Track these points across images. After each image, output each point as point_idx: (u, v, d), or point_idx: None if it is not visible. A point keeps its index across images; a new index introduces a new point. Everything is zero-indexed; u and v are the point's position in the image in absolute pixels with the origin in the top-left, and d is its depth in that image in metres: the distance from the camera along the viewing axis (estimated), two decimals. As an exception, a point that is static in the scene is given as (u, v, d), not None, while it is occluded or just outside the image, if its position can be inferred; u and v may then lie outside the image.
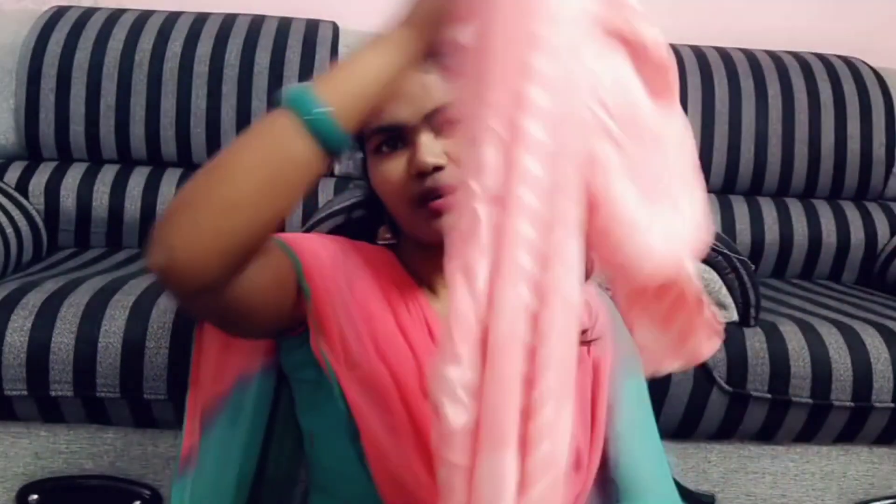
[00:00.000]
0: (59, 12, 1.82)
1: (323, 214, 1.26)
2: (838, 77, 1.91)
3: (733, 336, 1.31)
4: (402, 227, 0.86)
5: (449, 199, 0.75)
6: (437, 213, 0.78)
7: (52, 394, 1.23)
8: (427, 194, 0.78)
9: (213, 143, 1.78)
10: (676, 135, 0.71)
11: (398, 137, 0.79)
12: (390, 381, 0.77)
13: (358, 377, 0.78)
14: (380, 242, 0.89)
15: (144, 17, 1.82)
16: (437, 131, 0.78)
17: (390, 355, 0.79)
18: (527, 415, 0.56)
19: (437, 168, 0.77)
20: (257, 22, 1.84)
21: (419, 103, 0.77)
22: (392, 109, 0.77)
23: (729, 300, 1.30)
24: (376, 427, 0.76)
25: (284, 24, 1.84)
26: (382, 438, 0.76)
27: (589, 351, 0.88)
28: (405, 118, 0.78)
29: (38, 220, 1.71)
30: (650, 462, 0.88)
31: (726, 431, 1.36)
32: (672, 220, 0.67)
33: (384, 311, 0.82)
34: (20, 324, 1.23)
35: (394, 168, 0.80)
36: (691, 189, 0.71)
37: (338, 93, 0.66)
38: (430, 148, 0.78)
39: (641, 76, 0.69)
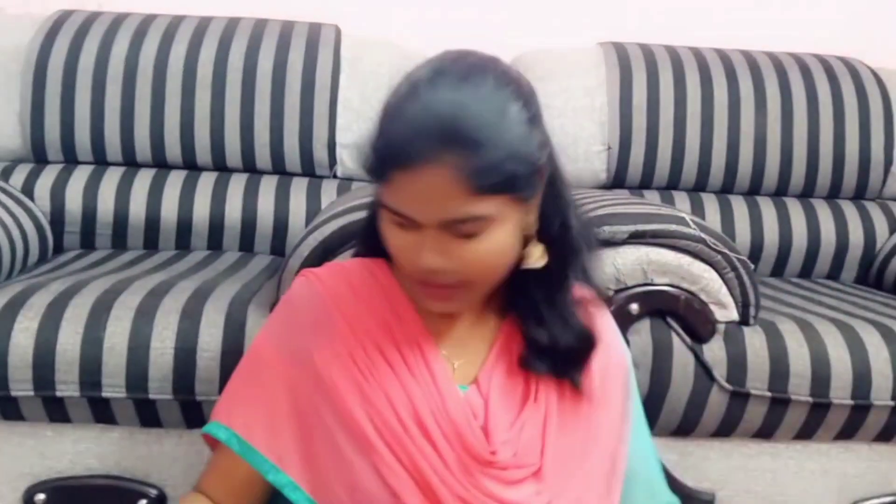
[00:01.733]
0: (64, 16, 1.83)
1: (326, 216, 1.27)
2: (837, 77, 1.91)
3: (733, 335, 1.32)
4: None
5: (441, 293, 0.79)
6: (429, 296, 0.81)
7: (58, 394, 1.25)
8: (425, 281, 0.79)
9: (217, 146, 1.79)
10: None
11: (411, 223, 0.76)
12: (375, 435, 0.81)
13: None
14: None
15: (148, 20, 1.83)
16: (456, 231, 0.75)
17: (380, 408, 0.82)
18: None
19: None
20: (260, 25, 1.85)
21: (436, 212, 0.74)
22: (407, 202, 0.74)
23: (728, 299, 1.30)
24: None
25: (287, 28, 1.85)
26: None
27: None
28: (419, 218, 0.75)
29: (44, 221, 1.72)
30: (645, 459, 0.94)
31: (726, 429, 1.36)
32: None
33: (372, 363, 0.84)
34: (26, 325, 1.24)
35: (402, 241, 0.78)
36: None
37: None
38: (432, 251, 0.76)
39: None
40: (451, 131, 0.71)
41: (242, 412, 0.86)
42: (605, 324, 0.93)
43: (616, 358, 0.93)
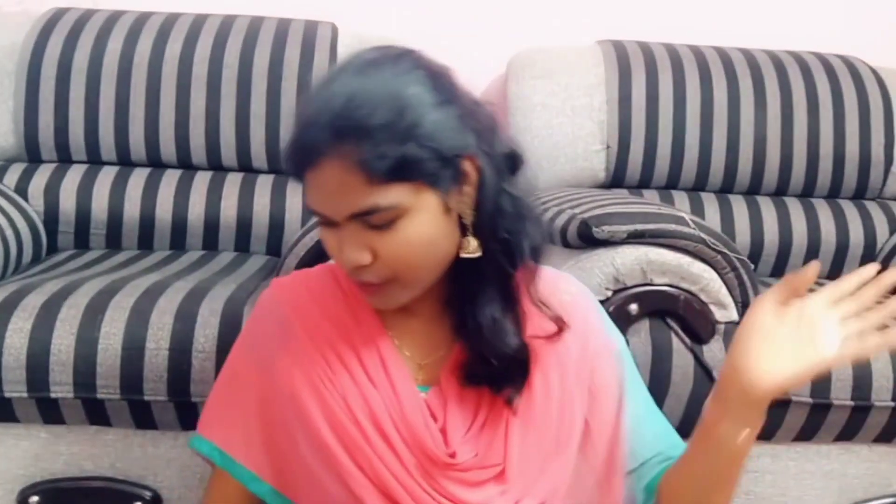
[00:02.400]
0: (59, 14, 1.82)
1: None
2: (837, 76, 1.91)
3: (733, 336, 1.31)
4: None
5: (372, 290, 0.78)
6: (366, 293, 0.80)
7: (53, 395, 1.24)
8: (355, 279, 0.79)
9: (213, 145, 1.78)
10: None
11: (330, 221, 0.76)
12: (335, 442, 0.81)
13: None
14: None
15: (143, 18, 1.82)
16: (368, 224, 0.74)
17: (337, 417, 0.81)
18: None
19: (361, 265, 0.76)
20: (256, 23, 1.84)
21: (338, 206, 0.73)
22: (315, 199, 0.74)
23: (728, 300, 1.30)
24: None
25: (283, 25, 1.84)
26: None
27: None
28: (329, 214, 0.75)
29: (38, 221, 1.71)
30: (651, 424, 0.92)
31: (726, 431, 1.36)
32: None
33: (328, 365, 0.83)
34: (20, 325, 1.23)
35: (329, 240, 0.78)
36: None
37: None
38: (352, 247, 0.75)
39: None
40: (341, 121, 0.70)
41: (221, 424, 0.88)
42: (583, 310, 0.90)
43: (596, 343, 0.89)
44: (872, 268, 0.80)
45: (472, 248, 0.79)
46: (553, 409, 0.85)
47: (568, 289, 0.90)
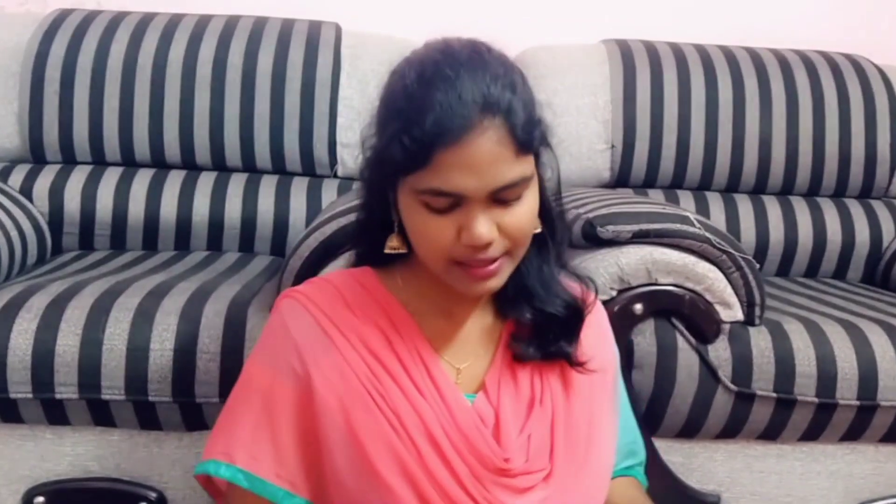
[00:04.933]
0: (63, 15, 1.82)
1: (327, 216, 1.26)
2: (842, 75, 1.90)
3: (738, 335, 1.31)
4: (427, 266, 0.82)
5: (490, 269, 0.77)
6: (475, 277, 0.78)
7: (58, 396, 1.24)
8: (469, 261, 0.77)
9: (217, 146, 1.78)
10: None
11: (454, 203, 0.76)
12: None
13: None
14: (388, 251, 0.85)
15: (147, 19, 1.82)
16: (502, 198, 0.76)
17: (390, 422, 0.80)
18: None
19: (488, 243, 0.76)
20: (260, 23, 1.84)
21: (488, 180, 0.74)
22: (457, 178, 0.73)
23: (734, 299, 1.30)
24: None
25: (287, 26, 1.84)
26: None
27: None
28: (471, 191, 0.74)
29: (43, 222, 1.71)
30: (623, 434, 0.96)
31: (732, 431, 1.35)
32: None
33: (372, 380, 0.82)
34: (25, 326, 1.23)
35: (440, 227, 0.76)
36: None
37: None
38: (486, 223, 0.75)
39: None
40: (490, 97, 0.74)
41: (244, 444, 0.82)
42: (598, 317, 0.94)
43: (605, 355, 0.92)
44: None
45: (537, 223, 0.83)
46: (587, 401, 0.88)
47: (579, 292, 0.92)
